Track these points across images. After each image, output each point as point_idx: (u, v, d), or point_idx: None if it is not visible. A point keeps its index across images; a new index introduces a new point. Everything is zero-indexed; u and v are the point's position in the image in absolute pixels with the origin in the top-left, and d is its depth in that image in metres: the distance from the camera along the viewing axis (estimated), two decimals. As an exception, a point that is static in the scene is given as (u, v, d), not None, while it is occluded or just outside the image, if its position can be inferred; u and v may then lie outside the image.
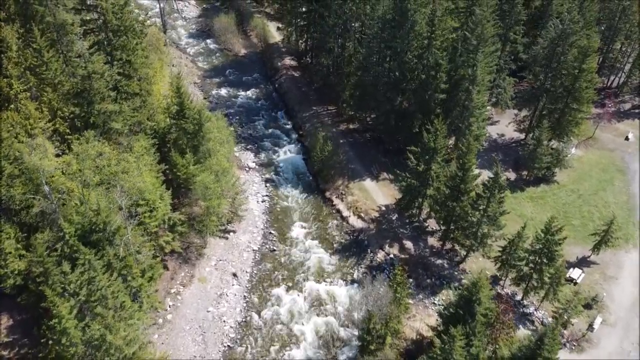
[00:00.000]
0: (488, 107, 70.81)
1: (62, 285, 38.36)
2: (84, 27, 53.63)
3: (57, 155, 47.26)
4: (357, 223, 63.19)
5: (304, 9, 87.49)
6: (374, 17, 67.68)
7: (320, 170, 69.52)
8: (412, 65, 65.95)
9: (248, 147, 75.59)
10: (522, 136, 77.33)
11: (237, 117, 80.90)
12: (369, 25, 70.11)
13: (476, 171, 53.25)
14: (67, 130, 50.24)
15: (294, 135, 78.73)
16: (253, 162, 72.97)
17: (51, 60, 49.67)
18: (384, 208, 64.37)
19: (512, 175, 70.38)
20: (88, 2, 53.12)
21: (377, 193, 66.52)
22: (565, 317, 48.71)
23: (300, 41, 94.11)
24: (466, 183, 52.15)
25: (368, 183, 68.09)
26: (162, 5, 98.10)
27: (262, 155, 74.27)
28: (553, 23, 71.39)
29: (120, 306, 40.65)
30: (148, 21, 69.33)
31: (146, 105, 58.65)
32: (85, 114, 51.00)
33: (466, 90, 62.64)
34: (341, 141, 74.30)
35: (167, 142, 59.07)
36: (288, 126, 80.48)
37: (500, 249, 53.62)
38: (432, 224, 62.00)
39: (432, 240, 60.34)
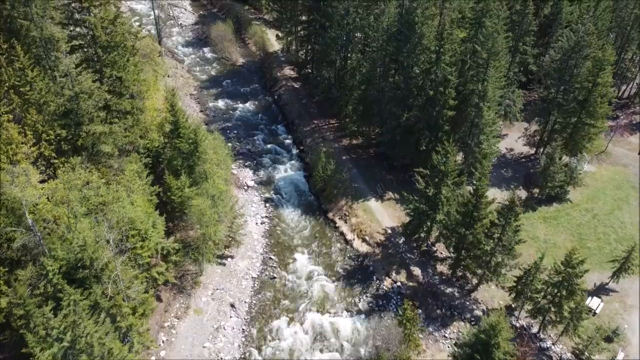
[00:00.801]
0: (499, 122, 67.39)
1: (45, 330, 35.23)
2: (71, 43, 50.38)
3: (43, 181, 44.07)
4: (362, 247, 59.78)
5: (304, 18, 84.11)
6: (379, 29, 64.47)
7: (322, 189, 66.08)
8: (419, 80, 62.69)
9: (246, 163, 71.98)
10: (532, 151, 74.24)
11: (235, 132, 77.43)
12: (373, 38, 66.73)
13: (490, 197, 49.91)
14: (53, 154, 46.96)
15: (295, 151, 75.20)
16: (252, 180, 69.43)
17: (35, 80, 46.46)
18: (389, 231, 60.99)
19: (522, 194, 67.16)
20: (75, 17, 49.75)
21: (382, 214, 63.12)
22: (587, 354, 45.61)
23: (301, 52, 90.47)
24: (479, 210, 48.88)
25: (373, 203, 64.65)
26: (157, 12, 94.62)
27: (261, 173, 70.76)
28: (565, 34, 68.21)
29: (108, 353, 37.33)
30: (143, 31, 66.03)
31: (139, 123, 55.47)
32: (73, 137, 47.72)
33: (476, 107, 59.41)
34: (344, 157, 70.90)
35: (161, 162, 55.90)
36: (288, 141, 76.94)
37: (516, 279, 50.41)
38: (440, 249, 58.69)
39: (442, 267, 56.91)
